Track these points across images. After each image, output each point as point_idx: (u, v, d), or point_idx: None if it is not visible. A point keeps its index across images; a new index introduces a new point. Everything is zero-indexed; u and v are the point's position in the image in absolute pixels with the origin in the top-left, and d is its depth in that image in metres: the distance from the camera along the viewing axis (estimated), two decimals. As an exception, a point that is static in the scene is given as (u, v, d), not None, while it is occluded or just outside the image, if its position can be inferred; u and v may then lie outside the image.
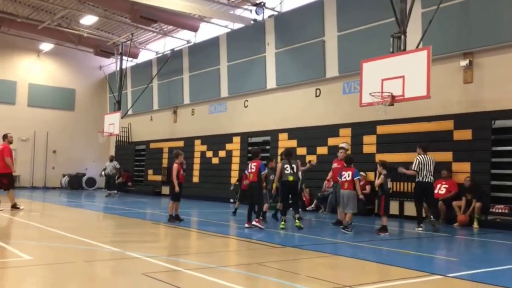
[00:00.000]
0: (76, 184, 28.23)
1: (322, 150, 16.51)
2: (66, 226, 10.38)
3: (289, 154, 10.93)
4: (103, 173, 22.45)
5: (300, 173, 11.49)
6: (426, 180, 11.05)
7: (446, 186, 12.75)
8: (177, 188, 11.19)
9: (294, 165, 10.64)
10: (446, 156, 13.22)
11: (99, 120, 26.05)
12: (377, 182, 10.39)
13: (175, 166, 11.21)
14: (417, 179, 11.17)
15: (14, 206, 13.27)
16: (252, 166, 10.60)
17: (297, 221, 10.48)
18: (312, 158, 15.67)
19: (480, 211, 11.84)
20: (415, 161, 11.18)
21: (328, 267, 6.66)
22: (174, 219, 11.22)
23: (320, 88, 17.40)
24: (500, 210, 11.82)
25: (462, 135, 13.07)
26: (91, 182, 28.76)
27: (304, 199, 15.70)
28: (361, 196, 10.48)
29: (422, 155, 11.14)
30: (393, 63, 11.74)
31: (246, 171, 11.55)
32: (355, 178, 10.29)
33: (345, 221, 10.39)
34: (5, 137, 13.43)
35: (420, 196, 11.37)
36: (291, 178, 10.51)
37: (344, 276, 6.29)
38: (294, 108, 18.29)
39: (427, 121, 13.83)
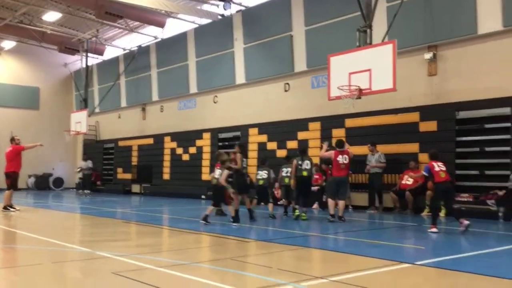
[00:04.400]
0: (43, 185, 27.62)
1: (292, 144, 16.60)
2: (33, 227, 10.15)
3: (303, 151, 11.62)
4: (77, 169, 22.80)
5: (313, 169, 11.99)
6: None
7: (415, 176, 13.02)
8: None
9: (307, 161, 11.26)
10: (413, 147, 13.52)
11: (65, 119, 25.49)
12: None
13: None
14: (380, 171, 13.29)
15: (6, 208, 13.23)
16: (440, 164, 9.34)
17: (303, 214, 11.23)
18: (283, 153, 15.77)
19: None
20: (381, 155, 13.23)
21: (299, 259, 6.71)
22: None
23: (289, 82, 17.49)
24: (465, 199, 12.15)
25: (427, 126, 13.38)
26: (59, 182, 28.19)
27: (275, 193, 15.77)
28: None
29: None
30: (360, 57, 11.90)
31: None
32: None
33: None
34: (12, 140, 14.06)
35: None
36: (305, 173, 11.20)
37: (315, 267, 6.37)
38: (263, 103, 18.32)
39: (394, 113, 14.10)
